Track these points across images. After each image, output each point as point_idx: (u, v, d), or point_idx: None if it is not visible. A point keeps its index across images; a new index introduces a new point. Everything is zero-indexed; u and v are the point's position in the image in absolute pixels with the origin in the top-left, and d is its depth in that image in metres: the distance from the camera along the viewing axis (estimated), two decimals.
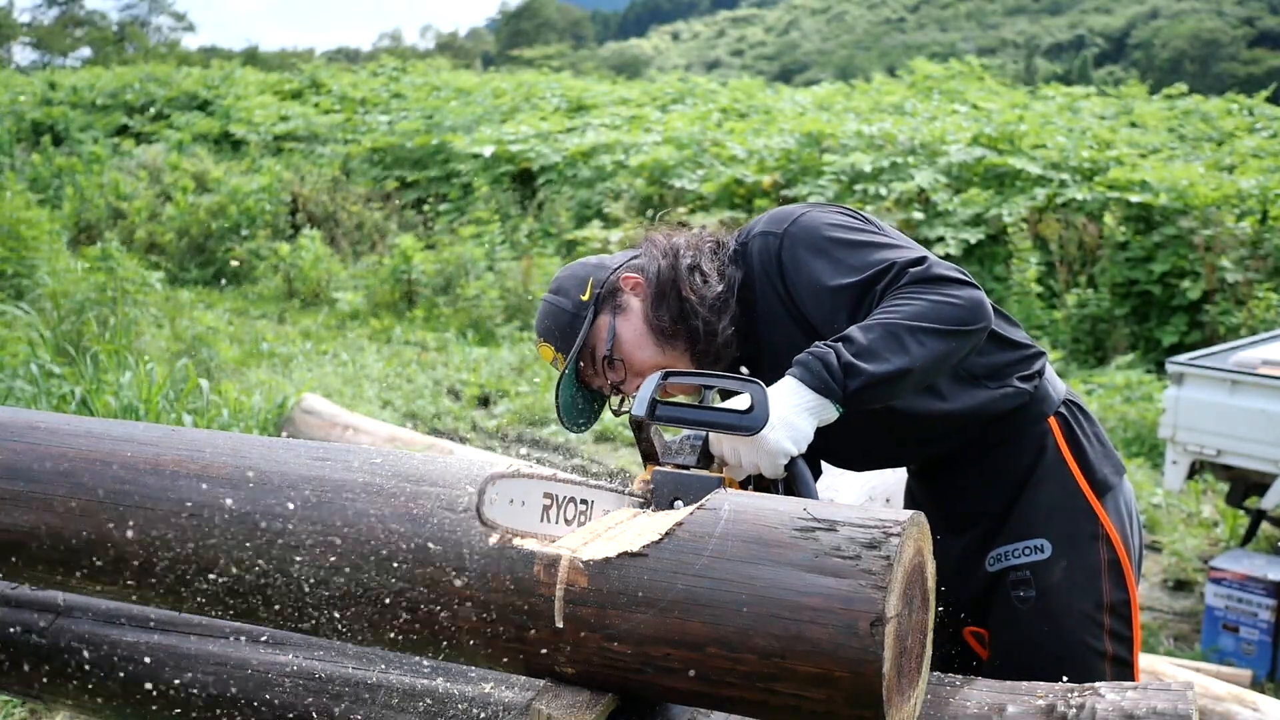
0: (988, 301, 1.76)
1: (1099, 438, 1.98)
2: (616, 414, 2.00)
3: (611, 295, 1.96)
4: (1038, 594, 1.87)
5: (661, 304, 1.92)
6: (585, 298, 1.95)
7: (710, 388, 1.67)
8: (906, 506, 2.11)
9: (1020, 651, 1.86)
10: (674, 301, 1.92)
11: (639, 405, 1.59)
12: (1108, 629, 1.89)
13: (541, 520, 1.37)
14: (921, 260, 1.77)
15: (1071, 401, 1.98)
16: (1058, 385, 1.98)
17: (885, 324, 1.67)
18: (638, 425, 1.59)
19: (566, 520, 1.42)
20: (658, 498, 1.55)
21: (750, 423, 1.57)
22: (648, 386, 1.61)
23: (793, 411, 1.62)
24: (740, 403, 1.63)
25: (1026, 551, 1.89)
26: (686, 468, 1.58)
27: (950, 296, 1.71)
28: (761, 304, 1.91)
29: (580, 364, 1.96)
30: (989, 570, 1.93)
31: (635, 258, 2.01)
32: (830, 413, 1.64)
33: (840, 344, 1.66)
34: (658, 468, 1.58)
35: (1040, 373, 1.94)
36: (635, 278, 1.97)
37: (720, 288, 1.91)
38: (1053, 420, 1.93)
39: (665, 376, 1.63)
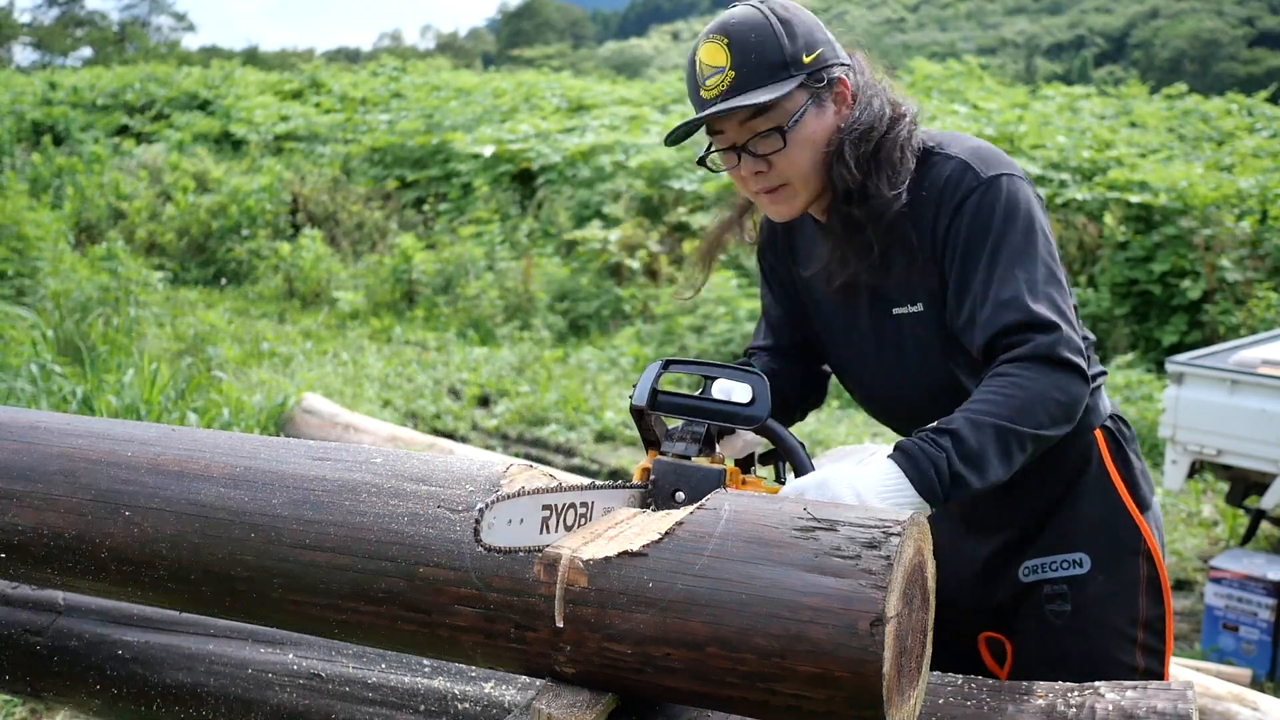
0: (1086, 398, 1.68)
1: (1139, 455, 1.93)
2: (711, 169, 1.83)
3: (824, 83, 1.72)
4: (1073, 608, 1.82)
5: (860, 141, 1.72)
6: (807, 59, 1.70)
7: (711, 378, 1.64)
8: None
9: (1047, 664, 1.80)
10: (867, 151, 1.72)
11: (639, 394, 1.59)
12: (1140, 643, 1.84)
13: (541, 532, 1.36)
14: (1054, 328, 1.64)
15: (1117, 416, 1.92)
16: (1105, 400, 1.92)
17: (997, 425, 1.57)
18: (638, 414, 1.58)
19: (566, 527, 1.42)
20: (658, 488, 1.55)
21: (752, 415, 1.56)
22: (648, 376, 1.60)
23: (878, 495, 1.53)
24: (741, 394, 1.63)
25: (1064, 565, 1.84)
26: (688, 458, 1.57)
27: (1064, 392, 1.62)
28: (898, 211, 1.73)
29: (735, 110, 1.69)
30: (1022, 580, 1.87)
31: (847, 66, 1.76)
32: (923, 510, 1.55)
33: (950, 443, 1.55)
34: (659, 456, 1.57)
35: (1097, 387, 1.87)
36: (848, 91, 1.75)
37: (904, 175, 1.73)
38: (1099, 433, 1.87)
39: (665, 365, 1.62)
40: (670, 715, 1.45)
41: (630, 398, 1.60)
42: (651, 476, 1.56)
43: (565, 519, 1.41)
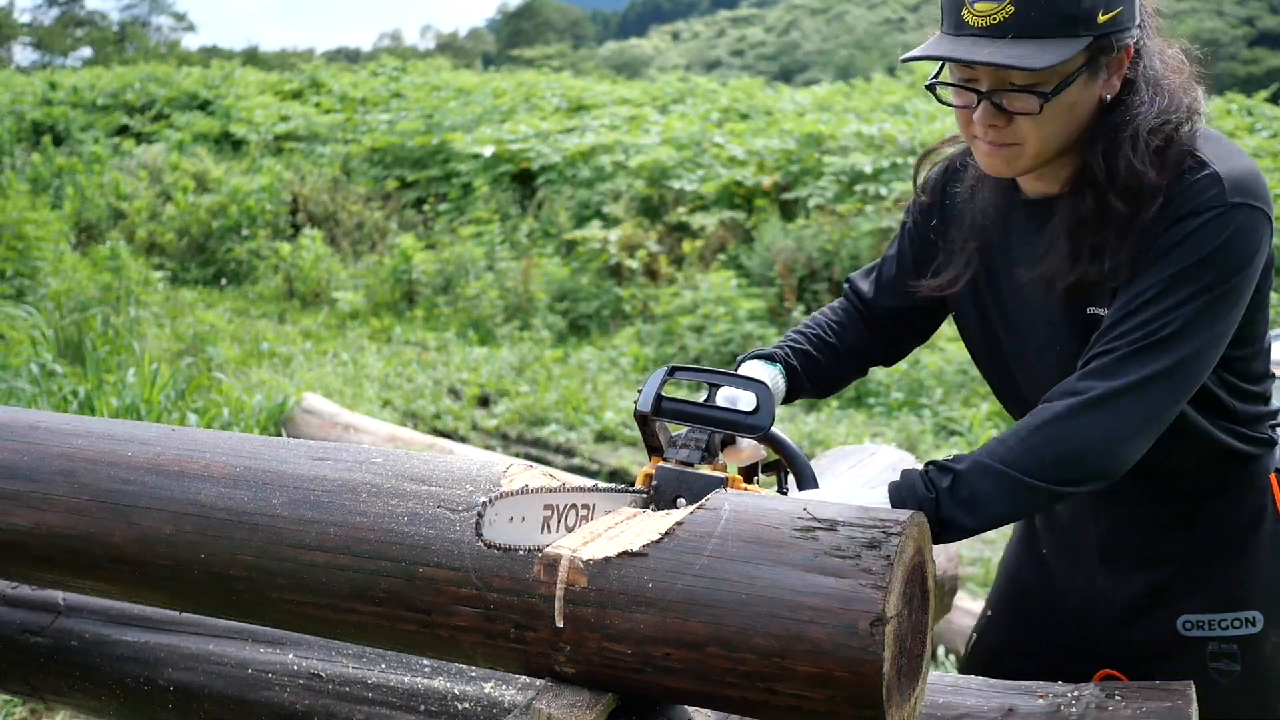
0: (1128, 457, 1.50)
1: None
2: (939, 99, 1.60)
3: (1104, 51, 1.50)
4: (1243, 668, 1.67)
5: (1154, 133, 1.51)
6: (1104, 18, 1.46)
7: (716, 385, 1.64)
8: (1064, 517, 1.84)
9: None
10: (1158, 145, 1.51)
11: (644, 400, 1.59)
12: None
13: (542, 531, 1.37)
14: (1117, 373, 1.47)
15: None
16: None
17: (1009, 475, 1.44)
18: (642, 419, 1.59)
19: (568, 528, 1.42)
20: (660, 495, 1.55)
21: (755, 424, 1.57)
22: (653, 382, 1.60)
23: None
24: (745, 403, 1.63)
25: (1236, 624, 1.67)
26: (690, 464, 1.57)
27: (1100, 444, 1.45)
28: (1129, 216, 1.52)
29: (1000, 63, 1.44)
30: (1181, 633, 1.70)
31: (1133, 35, 1.52)
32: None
33: (948, 484, 1.46)
34: (661, 463, 1.57)
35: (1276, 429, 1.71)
36: (1127, 61, 1.52)
37: (1157, 171, 1.51)
38: (1274, 478, 1.70)
39: (671, 371, 1.63)
40: (670, 715, 1.44)
41: (635, 403, 1.60)
42: (654, 482, 1.56)
43: (566, 520, 1.41)
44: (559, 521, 1.40)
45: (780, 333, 8.31)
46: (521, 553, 1.35)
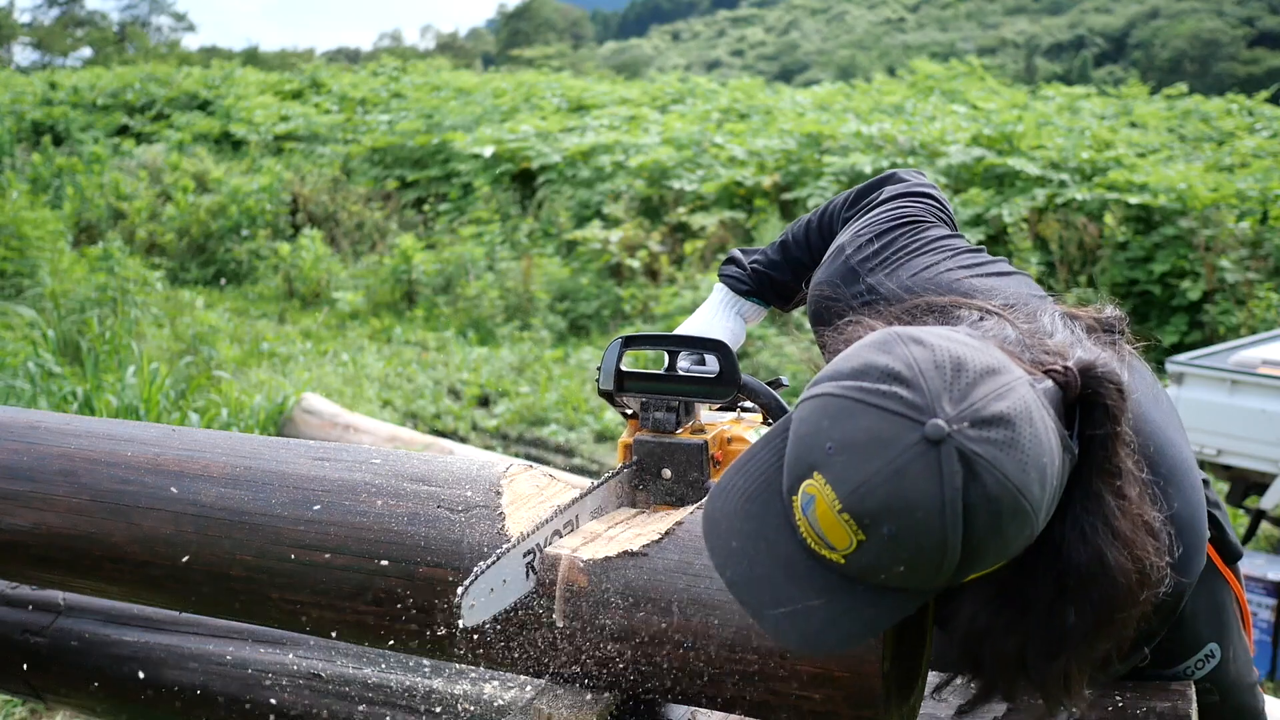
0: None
1: (1219, 504, 1.65)
2: None
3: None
4: (1220, 695, 1.62)
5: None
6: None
7: (675, 350, 1.59)
8: None
9: None
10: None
11: (605, 378, 1.55)
12: (1258, 681, 1.72)
13: (528, 578, 1.35)
14: None
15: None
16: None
17: None
18: (608, 396, 1.57)
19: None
20: (644, 467, 1.54)
21: (722, 390, 1.53)
22: (610, 357, 1.56)
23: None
24: (708, 366, 1.61)
25: (1200, 664, 1.60)
26: (668, 430, 1.54)
27: None
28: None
29: None
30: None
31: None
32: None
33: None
34: (639, 435, 1.55)
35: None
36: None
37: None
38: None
39: (626, 343, 1.59)
40: (670, 715, 1.44)
41: (597, 381, 1.57)
42: (634, 456, 1.54)
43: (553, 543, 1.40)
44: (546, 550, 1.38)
45: (780, 332, 8.31)
46: (505, 611, 1.33)
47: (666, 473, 1.51)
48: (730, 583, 1.10)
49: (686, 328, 1.86)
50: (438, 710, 1.71)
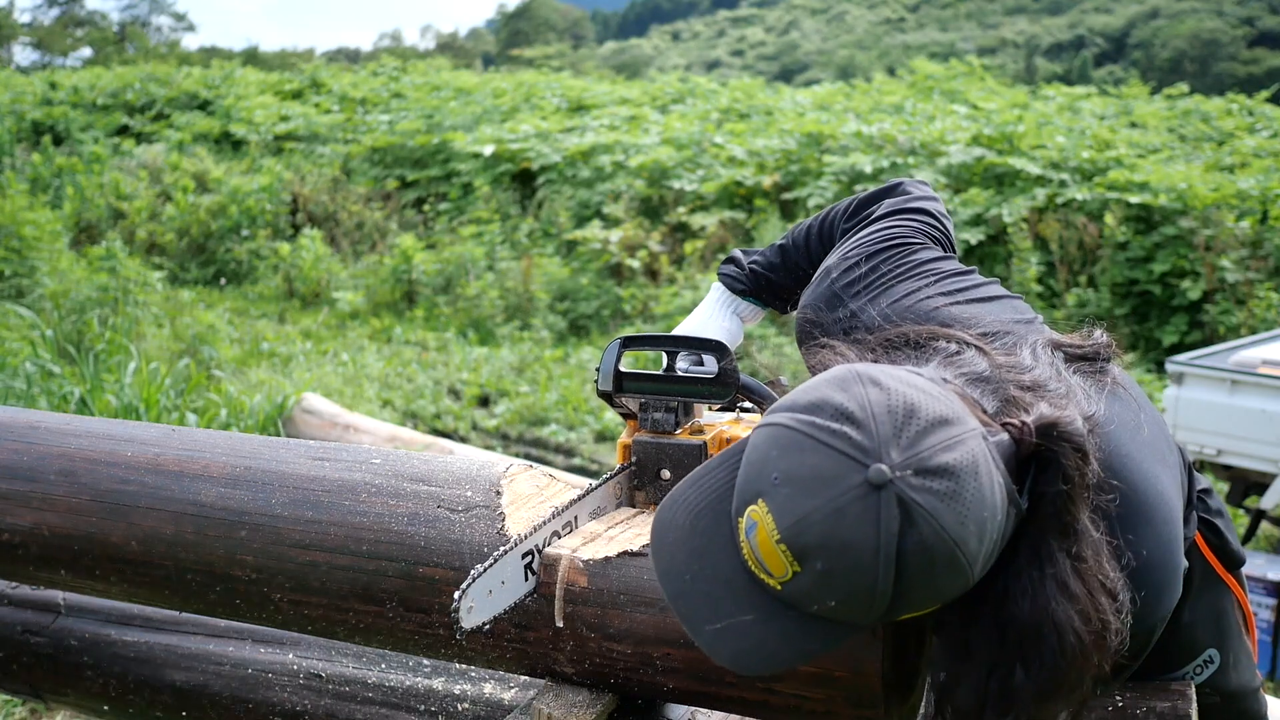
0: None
1: (1224, 512, 1.67)
2: None
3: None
4: (1222, 699, 1.64)
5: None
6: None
7: (674, 351, 1.59)
8: None
9: None
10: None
11: (604, 379, 1.55)
12: (1261, 685, 1.73)
13: (526, 579, 1.35)
14: None
15: (1202, 497, 1.65)
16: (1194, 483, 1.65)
17: None
18: (607, 397, 1.57)
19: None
20: (643, 469, 1.54)
21: (720, 391, 1.53)
22: (609, 358, 1.56)
23: None
24: (706, 367, 1.61)
25: (1199, 670, 1.62)
26: (667, 431, 1.54)
27: None
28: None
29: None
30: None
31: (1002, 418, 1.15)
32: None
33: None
34: (638, 436, 1.54)
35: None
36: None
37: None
38: (1199, 538, 1.61)
39: (625, 344, 1.59)
40: (670, 715, 1.44)
41: (595, 382, 1.57)
42: (633, 457, 1.54)
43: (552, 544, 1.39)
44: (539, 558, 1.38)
45: (780, 332, 8.31)
46: (506, 612, 1.32)
47: (665, 473, 1.51)
48: (671, 596, 1.12)
49: (683, 326, 1.86)
50: (437, 710, 1.71)
